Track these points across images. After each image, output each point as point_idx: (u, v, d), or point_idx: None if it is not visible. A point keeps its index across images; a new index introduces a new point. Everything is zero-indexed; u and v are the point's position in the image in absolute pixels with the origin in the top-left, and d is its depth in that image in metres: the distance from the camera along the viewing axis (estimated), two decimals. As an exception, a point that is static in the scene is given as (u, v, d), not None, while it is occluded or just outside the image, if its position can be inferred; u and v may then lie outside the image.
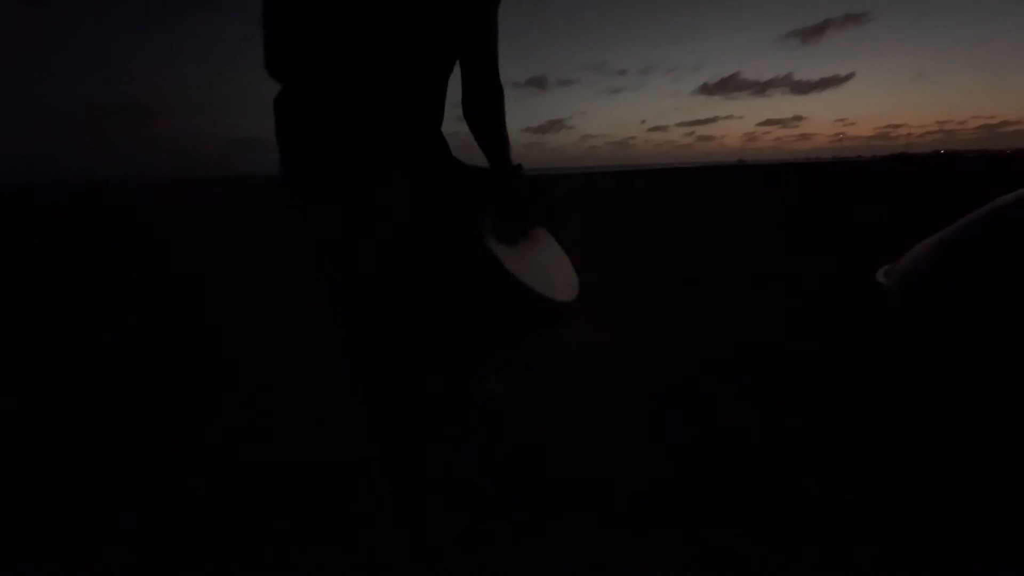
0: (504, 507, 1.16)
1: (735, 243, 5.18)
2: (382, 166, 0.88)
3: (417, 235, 0.90)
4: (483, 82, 1.00)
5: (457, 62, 0.99)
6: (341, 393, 1.65)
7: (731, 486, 1.26)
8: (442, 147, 1.01)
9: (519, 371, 1.93)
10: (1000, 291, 0.93)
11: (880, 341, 2.18)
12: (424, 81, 0.94)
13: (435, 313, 0.92)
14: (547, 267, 1.00)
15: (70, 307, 3.30)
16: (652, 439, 1.48)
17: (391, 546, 1.05)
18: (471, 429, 1.13)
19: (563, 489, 1.26)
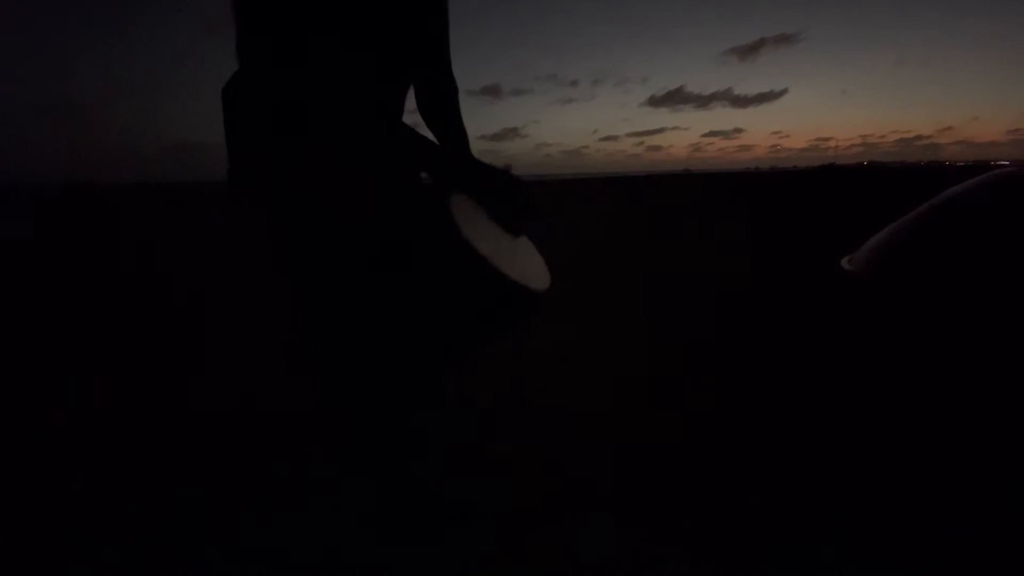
0: (471, 512, 1.15)
1: (693, 243, 5.39)
2: (349, 155, 0.87)
3: (385, 225, 0.88)
4: (441, 75, 1.01)
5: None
6: (294, 403, 1.61)
7: (715, 482, 1.27)
8: (410, 136, 0.99)
9: (502, 373, 1.94)
10: (960, 265, 1.03)
11: (847, 325, 2.31)
12: (391, 71, 0.93)
13: (404, 305, 0.90)
14: (518, 256, 0.99)
15: (9, 314, 3.04)
16: (631, 437, 1.50)
17: (359, 551, 1.03)
18: (442, 429, 1.11)
19: (550, 490, 1.25)
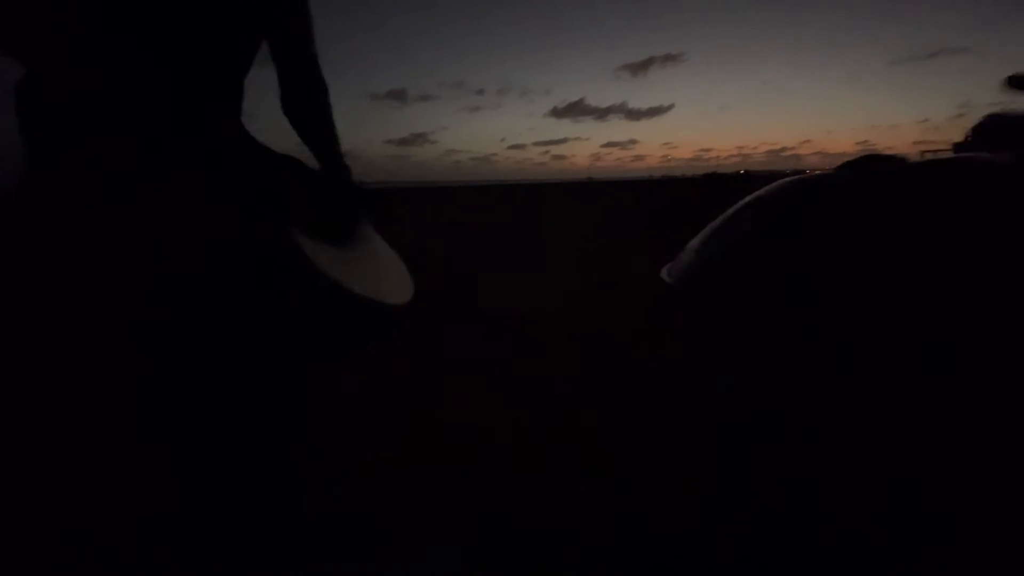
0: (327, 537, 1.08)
1: (585, 249, 5.61)
2: (175, 157, 0.78)
3: (218, 235, 0.81)
4: (306, 76, 0.96)
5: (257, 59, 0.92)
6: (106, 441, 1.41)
7: (595, 495, 1.24)
8: (247, 140, 0.92)
9: (372, 385, 1.86)
10: (747, 267, 1.15)
11: (666, 337, 2.41)
12: (216, 65, 0.86)
13: (242, 324, 0.83)
14: (374, 269, 0.96)
15: None
16: (507, 459, 1.44)
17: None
18: (298, 450, 1.03)
19: (413, 515, 1.19)
